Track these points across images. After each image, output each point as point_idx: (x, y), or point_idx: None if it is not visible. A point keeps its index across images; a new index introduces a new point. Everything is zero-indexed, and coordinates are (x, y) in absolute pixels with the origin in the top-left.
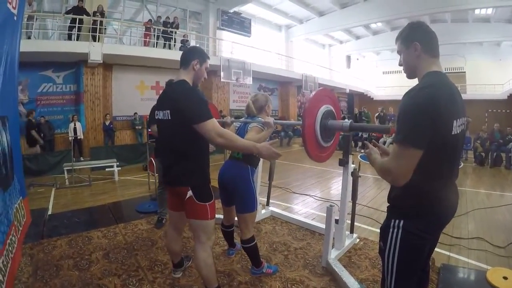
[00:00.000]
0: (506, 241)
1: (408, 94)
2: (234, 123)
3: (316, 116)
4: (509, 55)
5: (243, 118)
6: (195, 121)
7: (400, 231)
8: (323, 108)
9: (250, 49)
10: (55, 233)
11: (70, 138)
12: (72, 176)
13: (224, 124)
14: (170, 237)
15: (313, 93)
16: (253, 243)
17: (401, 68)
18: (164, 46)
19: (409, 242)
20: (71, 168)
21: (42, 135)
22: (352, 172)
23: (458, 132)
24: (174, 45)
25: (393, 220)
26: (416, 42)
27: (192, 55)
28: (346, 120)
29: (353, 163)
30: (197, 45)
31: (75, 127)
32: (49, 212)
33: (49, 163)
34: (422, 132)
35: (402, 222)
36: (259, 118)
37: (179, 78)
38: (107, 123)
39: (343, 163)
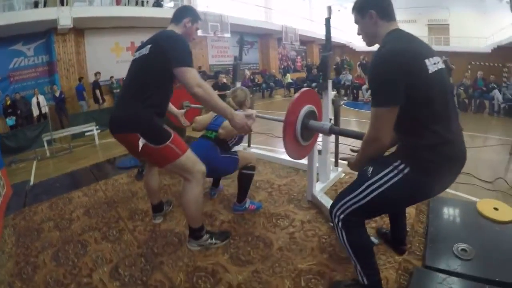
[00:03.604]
0: (493, 176)
1: (372, 59)
2: (211, 113)
3: (299, 115)
4: (493, 8)
5: None
6: (178, 64)
7: (400, 175)
8: (307, 108)
9: (227, 1)
10: (36, 200)
11: (35, 115)
12: (52, 147)
13: (201, 112)
14: (147, 173)
15: (299, 92)
16: (252, 171)
17: None
18: (137, 4)
19: (403, 190)
20: (50, 138)
21: (18, 112)
22: (332, 100)
23: (436, 69)
24: (147, 2)
25: (399, 161)
26: (371, 10)
27: (185, 13)
28: (327, 123)
29: (333, 90)
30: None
31: (38, 101)
32: (31, 183)
33: (28, 138)
34: (391, 88)
35: (407, 169)
36: (240, 111)
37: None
38: (57, 94)
39: (322, 88)
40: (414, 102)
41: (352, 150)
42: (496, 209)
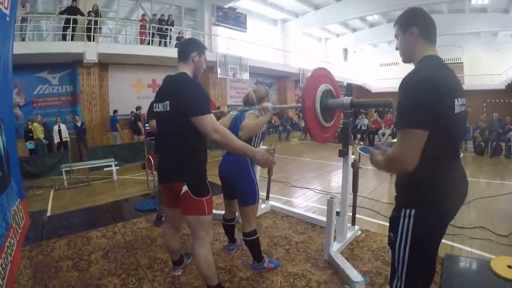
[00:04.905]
0: (508, 229)
1: (405, 79)
2: (231, 112)
3: (316, 96)
4: (506, 45)
5: (240, 108)
6: (193, 113)
7: (411, 220)
8: (322, 87)
9: (246, 44)
10: (54, 234)
11: (55, 142)
12: (70, 177)
13: (221, 114)
14: (168, 234)
15: (311, 72)
16: (255, 236)
17: (399, 60)
18: (160, 44)
19: (421, 230)
20: (69, 169)
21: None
22: (352, 163)
23: (460, 111)
24: (170, 42)
25: (403, 210)
26: (414, 27)
27: (191, 48)
28: (346, 97)
29: (353, 154)
30: (193, 37)
31: (60, 129)
32: (48, 214)
33: (47, 165)
34: (424, 112)
35: (413, 211)
36: (257, 106)
37: (179, 71)
38: (78, 124)
39: (343, 154)
40: (432, 134)
41: (377, 146)
42: (510, 267)
